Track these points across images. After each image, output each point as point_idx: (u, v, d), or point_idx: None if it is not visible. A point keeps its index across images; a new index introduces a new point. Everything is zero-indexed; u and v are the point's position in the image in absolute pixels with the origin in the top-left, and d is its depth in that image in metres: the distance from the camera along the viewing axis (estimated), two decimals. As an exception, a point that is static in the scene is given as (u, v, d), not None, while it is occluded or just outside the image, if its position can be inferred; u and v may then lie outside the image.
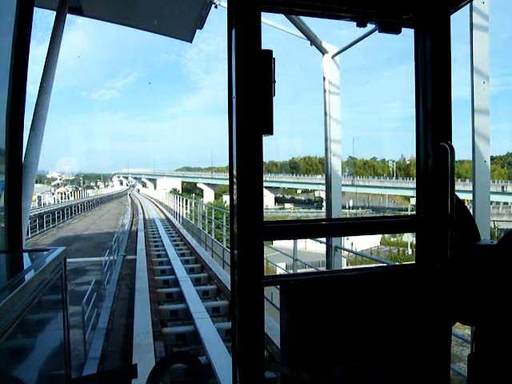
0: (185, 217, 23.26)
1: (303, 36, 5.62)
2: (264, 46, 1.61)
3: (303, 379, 1.63)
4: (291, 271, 11.23)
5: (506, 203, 59.07)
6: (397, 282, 1.83)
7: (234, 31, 1.59)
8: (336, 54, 5.80)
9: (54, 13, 3.38)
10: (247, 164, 1.59)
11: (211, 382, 4.76)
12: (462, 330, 4.09)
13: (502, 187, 59.90)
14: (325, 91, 5.87)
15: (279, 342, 1.75)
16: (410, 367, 1.81)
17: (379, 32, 1.91)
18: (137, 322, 6.55)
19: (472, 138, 3.34)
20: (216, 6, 5.00)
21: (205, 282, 9.86)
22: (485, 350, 1.86)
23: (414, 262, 2.01)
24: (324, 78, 5.86)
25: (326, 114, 5.87)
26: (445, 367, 1.86)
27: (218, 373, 4.85)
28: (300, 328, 1.66)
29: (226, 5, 4.98)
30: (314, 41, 5.70)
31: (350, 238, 20.44)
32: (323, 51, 5.81)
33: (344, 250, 8.47)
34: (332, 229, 2.10)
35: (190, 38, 5.66)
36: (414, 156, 2.01)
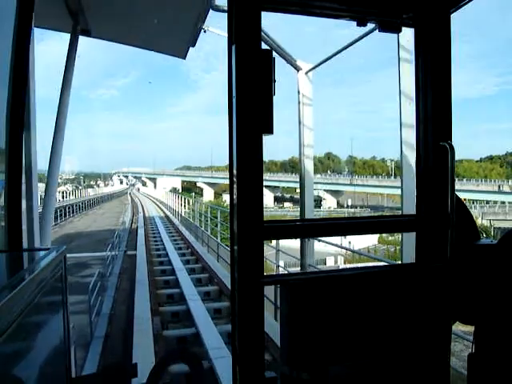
0: (183, 215, 23.62)
1: (278, 56, 6.16)
2: None
3: (303, 379, 1.63)
4: (289, 269, 11.62)
5: (503, 202, 59.04)
6: (396, 281, 1.83)
7: (233, 31, 1.58)
8: (309, 71, 6.59)
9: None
10: (247, 163, 1.59)
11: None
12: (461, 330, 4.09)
13: (499, 186, 59.97)
14: (299, 103, 6.76)
15: (279, 342, 1.75)
16: (410, 367, 1.81)
17: (379, 31, 1.91)
18: (137, 306, 7.41)
19: (400, 146, 4.46)
20: (205, 31, 5.78)
21: (199, 272, 10.84)
22: (485, 349, 1.86)
23: (414, 262, 2.01)
24: (298, 92, 6.75)
25: (299, 122, 6.77)
26: (445, 366, 1.87)
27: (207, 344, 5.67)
28: (300, 328, 1.66)
29: (214, 30, 6.05)
30: (288, 60, 6.47)
31: (347, 236, 20.47)
32: (297, 68, 6.58)
33: (334, 245, 9.28)
34: (332, 228, 2.10)
35: (183, 55, 6.58)
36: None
